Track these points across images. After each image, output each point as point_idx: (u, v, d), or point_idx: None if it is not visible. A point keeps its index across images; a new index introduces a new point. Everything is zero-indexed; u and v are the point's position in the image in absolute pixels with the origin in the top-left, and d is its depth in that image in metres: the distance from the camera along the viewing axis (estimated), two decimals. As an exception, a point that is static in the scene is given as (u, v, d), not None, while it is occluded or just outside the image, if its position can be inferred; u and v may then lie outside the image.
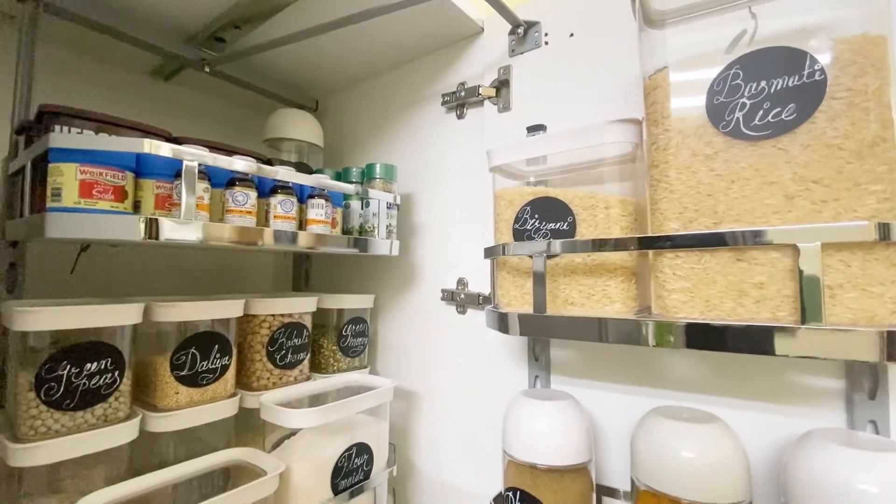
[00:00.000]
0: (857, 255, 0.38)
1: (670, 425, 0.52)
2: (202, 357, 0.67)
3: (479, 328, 0.84)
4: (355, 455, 0.73)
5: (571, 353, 0.73)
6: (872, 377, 0.51)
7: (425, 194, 0.95)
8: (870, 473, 0.42)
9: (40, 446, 0.52)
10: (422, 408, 0.93)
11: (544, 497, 0.57)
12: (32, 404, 0.53)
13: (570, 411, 0.60)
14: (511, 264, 0.62)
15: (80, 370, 0.55)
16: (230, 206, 0.59)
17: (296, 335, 0.80)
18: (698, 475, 0.48)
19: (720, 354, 0.60)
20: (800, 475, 0.46)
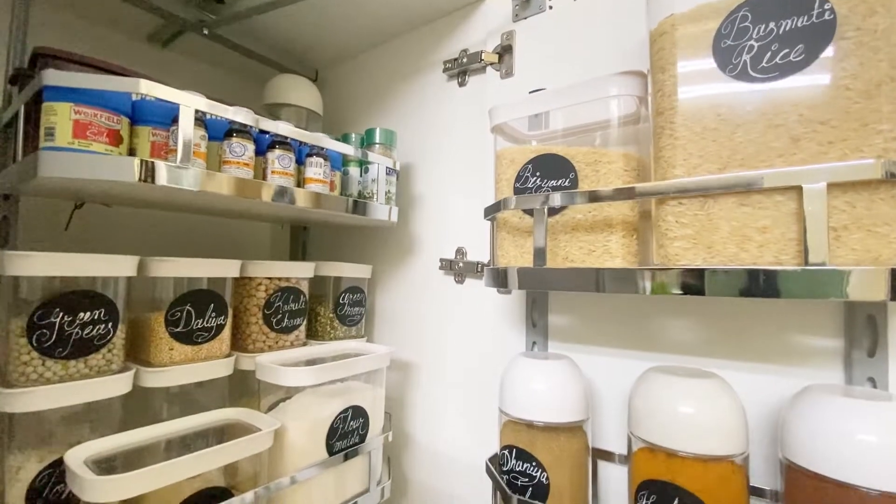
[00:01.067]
0: (862, 196, 0.37)
1: (668, 380, 0.52)
2: (197, 315, 0.66)
3: (477, 297, 0.84)
4: (351, 418, 0.72)
5: (569, 318, 0.72)
6: (872, 334, 0.51)
7: (425, 165, 0.94)
8: (868, 423, 0.42)
9: (31, 392, 0.51)
10: (418, 378, 0.92)
11: (540, 455, 0.57)
12: (24, 350, 0.52)
13: (568, 371, 0.60)
14: (511, 224, 0.61)
15: (73, 319, 0.55)
16: (227, 157, 0.58)
17: (292, 300, 0.80)
18: (696, 428, 0.48)
19: (718, 316, 0.60)
20: (798, 428, 0.46)
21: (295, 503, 0.65)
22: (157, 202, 0.70)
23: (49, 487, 0.53)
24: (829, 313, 0.54)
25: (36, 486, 0.52)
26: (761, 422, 0.56)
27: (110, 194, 0.65)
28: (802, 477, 0.45)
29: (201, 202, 0.69)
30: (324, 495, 0.69)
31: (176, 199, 0.68)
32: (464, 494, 0.82)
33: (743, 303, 0.59)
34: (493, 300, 0.81)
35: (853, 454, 0.41)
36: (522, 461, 0.57)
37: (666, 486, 0.49)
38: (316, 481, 0.67)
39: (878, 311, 0.50)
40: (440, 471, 0.87)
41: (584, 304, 0.71)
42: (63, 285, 0.54)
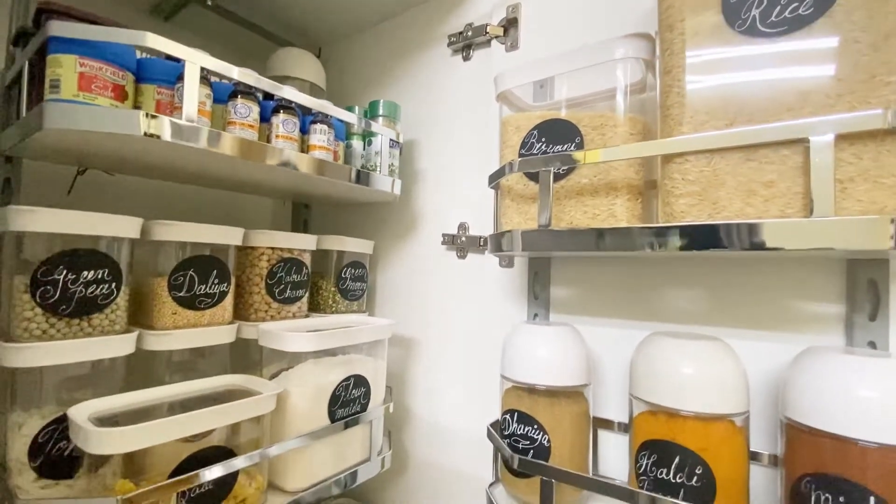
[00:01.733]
0: (869, 148, 0.38)
1: (670, 343, 0.52)
2: (200, 280, 0.66)
3: (479, 272, 0.84)
4: (353, 386, 0.73)
5: (571, 290, 0.73)
6: (873, 298, 0.51)
7: (428, 141, 0.94)
8: (868, 378, 0.42)
9: (35, 347, 0.51)
10: (419, 354, 0.93)
11: (542, 418, 0.57)
12: (27, 306, 0.52)
13: (570, 336, 0.60)
14: (515, 191, 0.61)
15: (77, 277, 0.55)
16: (232, 118, 0.58)
17: (295, 271, 0.80)
18: (697, 388, 0.49)
19: (720, 284, 0.60)
20: (799, 386, 0.46)
21: (296, 468, 0.65)
22: (160, 167, 0.70)
23: (52, 444, 0.53)
24: (831, 278, 0.54)
25: (39, 442, 0.52)
26: (762, 388, 0.56)
27: (113, 158, 0.65)
28: (802, 434, 0.46)
29: (204, 167, 0.69)
30: (325, 462, 0.69)
31: (179, 165, 0.68)
32: (464, 467, 0.83)
33: (745, 270, 0.59)
34: (495, 274, 0.81)
35: (853, 409, 0.41)
36: (524, 424, 0.58)
37: (667, 445, 0.49)
38: (317, 447, 0.67)
39: (879, 275, 0.51)
40: (441, 445, 0.87)
41: (586, 276, 0.71)
42: (67, 243, 0.54)
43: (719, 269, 0.61)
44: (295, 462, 0.65)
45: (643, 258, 0.66)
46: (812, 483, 0.43)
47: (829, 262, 0.54)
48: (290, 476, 0.65)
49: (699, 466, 0.47)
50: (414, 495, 0.90)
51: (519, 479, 0.58)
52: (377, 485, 0.96)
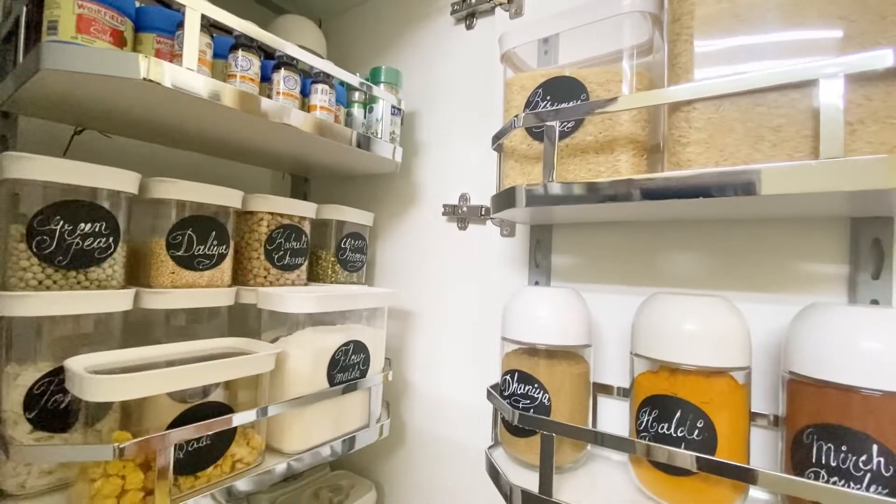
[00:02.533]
0: (879, 89, 0.37)
1: (672, 300, 0.52)
2: (199, 241, 0.66)
3: (479, 242, 0.84)
4: (352, 352, 0.72)
5: (572, 258, 0.72)
6: (877, 257, 0.51)
7: (430, 113, 0.93)
8: (870, 328, 0.42)
9: (31, 296, 0.50)
10: (419, 326, 0.92)
11: (542, 377, 0.57)
12: (23, 256, 0.51)
13: (571, 298, 0.60)
14: (519, 152, 0.61)
15: (74, 228, 0.54)
16: (232, 71, 0.57)
17: (294, 238, 0.79)
18: (699, 342, 0.48)
19: (722, 247, 0.60)
20: (802, 339, 0.46)
21: (294, 431, 0.65)
22: (157, 127, 0.69)
23: (47, 396, 0.53)
24: (834, 239, 0.54)
25: (34, 393, 0.52)
26: (765, 349, 0.56)
27: (111, 115, 0.64)
28: (804, 387, 0.46)
29: (203, 127, 0.68)
30: (323, 426, 0.69)
31: (177, 123, 0.67)
32: (463, 438, 0.83)
33: (746, 232, 0.59)
34: (497, 244, 0.81)
35: (856, 358, 0.41)
36: (524, 384, 0.57)
37: (668, 400, 0.49)
38: (316, 410, 0.67)
39: (884, 234, 0.51)
40: (439, 416, 0.87)
41: (587, 243, 0.71)
42: (64, 193, 0.53)
43: (720, 232, 0.60)
44: (293, 424, 0.65)
45: (644, 223, 0.66)
46: (814, 434, 0.43)
47: (832, 222, 0.54)
48: (287, 438, 0.65)
49: (701, 420, 0.47)
50: (412, 466, 0.90)
51: (518, 439, 0.58)
52: (375, 457, 0.96)
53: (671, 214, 0.61)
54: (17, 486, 0.51)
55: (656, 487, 0.50)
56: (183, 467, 0.53)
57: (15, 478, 0.51)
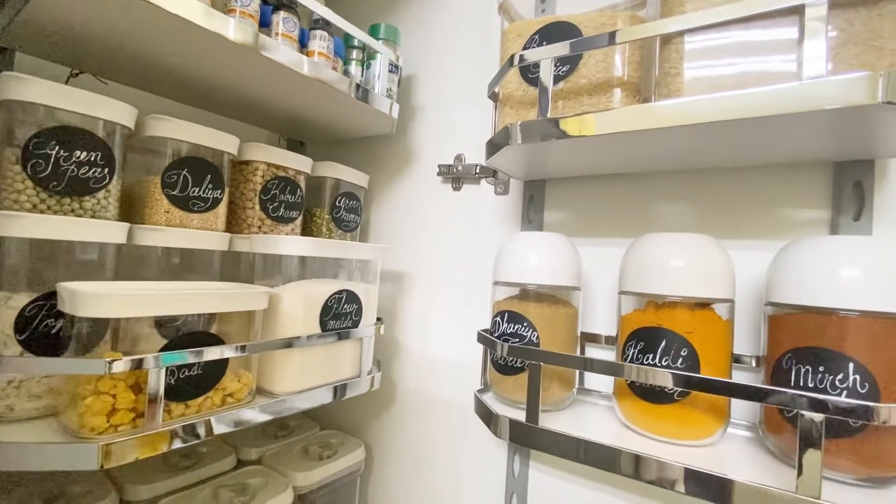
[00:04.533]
0: (860, 14, 0.39)
1: (660, 237, 0.53)
2: (194, 182, 0.66)
3: (474, 202, 0.85)
4: (345, 301, 0.73)
5: (565, 213, 0.73)
6: (858, 200, 0.53)
7: (427, 76, 0.94)
8: (849, 254, 0.43)
9: (26, 217, 0.50)
10: (411, 288, 0.93)
11: (531, 316, 0.58)
12: (18, 178, 0.51)
13: (561, 241, 0.61)
14: (515, 98, 0.62)
15: (70, 155, 0.54)
16: (232, 5, 0.57)
17: (289, 191, 0.79)
18: (686, 274, 0.50)
19: (711, 196, 0.61)
20: (782, 269, 0.47)
21: (284, 372, 0.65)
22: (154, 68, 0.69)
23: (39, 320, 0.53)
24: (818, 184, 0.55)
25: (26, 315, 0.52)
26: (749, 294, 0.57)
27: (107, 54, 0.64)
28: (785, 316, 0.47)
29: (200, 71, 0.68)
30: (314, 370, 0.69)
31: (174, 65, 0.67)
32: (452, 394, 0.84)
33: (733, 180, 0.60)
34: (490, 203, 0.82)
35: (834, 282, 0.43)
36: (514, 323, 0.58)
37: (653, 332, 0.50)
38: (307, 354, 0.67)
39: (865, 176, 0.52)
40: (430, 376, 0.88)
41: (579, 197, 0.72)
42: (60, 118, 0.53)
43: (707, 181, 0.62)
44: (284, 366, 0.65)
45: (634, 175, 0.67)
46: (793, 358, 0.45)
47: (816, 168, 0.56)
48: (278, 379, 0.65)
49: (684, 349, 0.48)
50: (401, 426, 0.91)
51: (506, 378, 0.59)
52: (364, 417, 0.96)
53: (660, 164, 0.62)
54: (4, 407, 0.51)
55: (640, 419, 0.51)
56: (174, 394, 0.53)
57: (4, 400, 0.51)
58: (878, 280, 0.41)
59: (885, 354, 0.41)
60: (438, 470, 0.85)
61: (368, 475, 0.94)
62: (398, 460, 0.91)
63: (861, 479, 0.42)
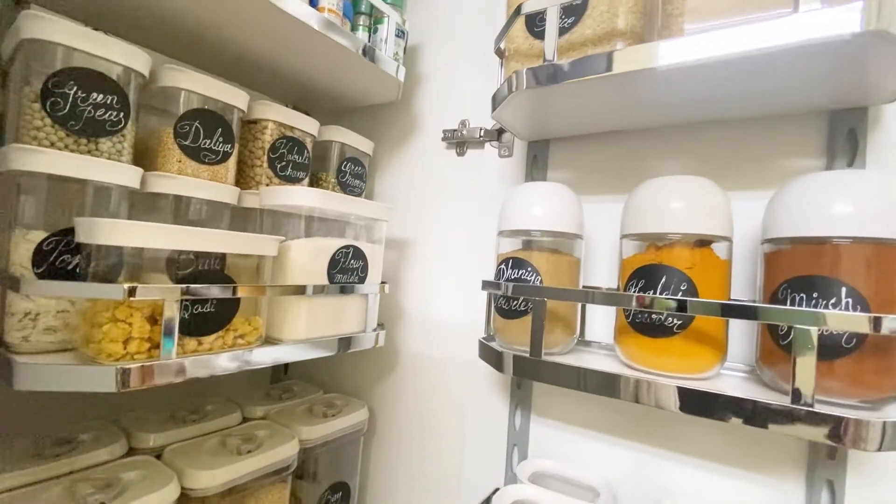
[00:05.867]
0: (855, -52, 0.40)
1: (659, 181, 0.55)
2: (205, 134, 0.67)
3: (478, 167, 0.86)
4: (352, 256, 0.74)
5: (568, 172, 0.75)
6: (851, 147, 0.55)
7: (431, 45, 0.96)
8: (842, 186, 0.45)
9: (45, 152, 0.52)
10: (414, 255, 0.95)
11: (535, 262, 0.60)
12: (37, 115, 0.53)
13: (564, 190, 0.63)
14: (521, 52, 0.63)
15: (87, 96, 0.55)
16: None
17: (297, 151, 0.81)
18: (685, 213, 0.51)
19: (709, 150, 0.63)
20: (778, 208, 0.49)
21: (293, 320, 0.67)
22: (164, 26, 0.70)
23: (56, 254, 0.54)
24: (813, 134, 0.57)
25: (43, 250, 0.53)
26: (746, 243, 0.59)
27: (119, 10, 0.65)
28: (780, 251, 0.49)
29: (213, 25, 0.69)
30: (321, 321, 0.70)
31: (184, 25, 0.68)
32: (456, 356, 0.85)
33: (731, 133, 0.62)
34: (494, 166, 0.84)
35: (827, 212, 0.44)
36: (518, 269, 0.60)
37: (654, 268, 0.52)
38: (315, 304, 0.69)
39: (858, 124, 0.54)
40: (433, 339, 0.89)
41: (582, 156, 0.74)
42: (79, 60, 0.55)
43: (705, 135, 0.64)
44: (292, 314, 0.67)
45: (635, 131, 0.69)
46: (788, 288, 0.46)
47: (812, 118, 0.57)
48: (287, 327, 0.67)
49: (684, 283, 0.50)
50: (404, 390, 0.92)
51: (511, 322, 0.61)
52: (368, 381, 0.98)
53: (660, 119, 0.64)
54: (20, 339, 0.52)
55: (640, 355, 0.53)
56: (187, 329, 0.54)
57: (20, 331, 0.52)
58: (869, 208, 0.43)
59: (876, 279, 0.42)
60: (441, 429, 0.86)
61: (371, 438, 0.95)
62: (401, 422, 0.92)
63: (854, 402, 0.44)
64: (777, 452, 0.57)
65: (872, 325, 0.37)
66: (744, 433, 0.59)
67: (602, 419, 0.69)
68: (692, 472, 0.62)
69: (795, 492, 0.56)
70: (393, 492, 0.92)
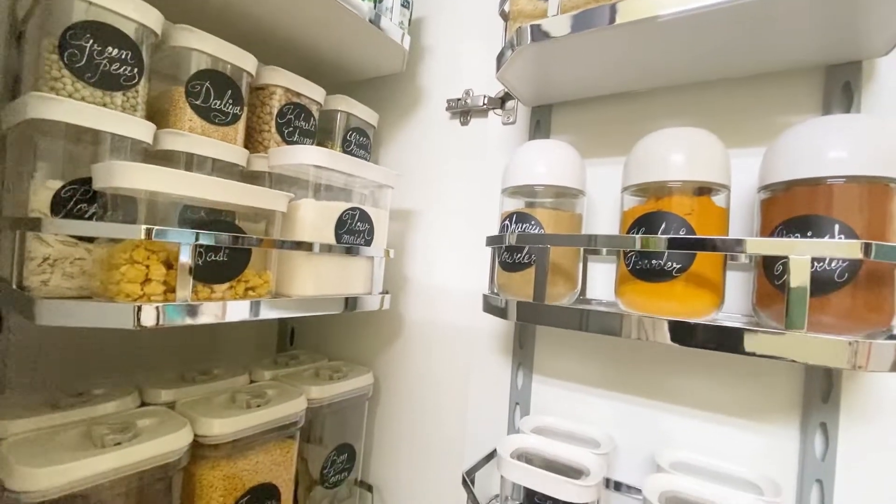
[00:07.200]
0: None
1: (660, 133, 0.56)
2: (216, 95, 0.69)
3: (481, 136, 0.88)
4: (358, 219, 0.76)
5: (570, 136, 0.77)
6: (847, 99, 0.56)
7: (436, 18, 0.97)
8: (835, 128, 0.47)
9: (63, 101, 0.53)
10: (418, 225, 0.96)
11: (538, 215, 0.61)
12: (55, 66, 0.54)
13: (566, 147, 0.64)
14: (526, 13, 0.65)
15: (103, 49, 0.57)
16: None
17: (304, 118, 0.82)
18: (684, 160, 0.53)
19: (710, 108, 0.65)
20: (773, 155, 0.51)
21: (301, 276, 0.68)
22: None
23: (74, 202, 0.56)
24: (811, 90, 0.59)
25: (62, 196, 0.55)
26: (743, 198, 0.61)
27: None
28: (776, 196, 0.50)
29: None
30: (329, 279, 0.72)
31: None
32: (459, 322, 0.87)
33: (730, 91, 0.64)
34: (498, 134, 0.85)
35: (821, 153, 0.46)
36: (521, 223, 0.62)
37: (654, 215, 0.53)
38: (324, 262, 0.71)
39: (853, 77, 0.56)
40: (437, 307, 0.91)
41: (585, 119, 0.75)
42: (95, 14, 0.56)
43: (706, 94, 0.65)
44: (301, 271, 0.68)
45: (637, 93, 0.70)
46: (783, 230, 0.48)
47: (808, 74, 0.59)
48: (296, 283, 0.68)
49: (683, 228, 0.52)
50: (408, 357, 0.94)
51: (514, 275, 0.62)
52: (372, 351, 0.99)
53: (661, 79, 0.66)
54: (39, 283, 0.54)
55: (640, 301, 0.55)
56: (201, 276, 0.56)
57: (39, 275, 0.54)
58: (862, 148, 0.44)
59: (868, 215, 0.44)
60: (445, 393, 0.88)
61: (376, 404, 0.97)
62: (405, 388, 0.94)
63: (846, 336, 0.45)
64: (772, 400, 0.59)
65: (863, 250, 0.39)
66: (739, 382, 0.61)
67: (602, 375, 0.71)
68: (690, 423, 0.64)
69: (790, 436, 0.58)
70: (398, 454, 0.94)
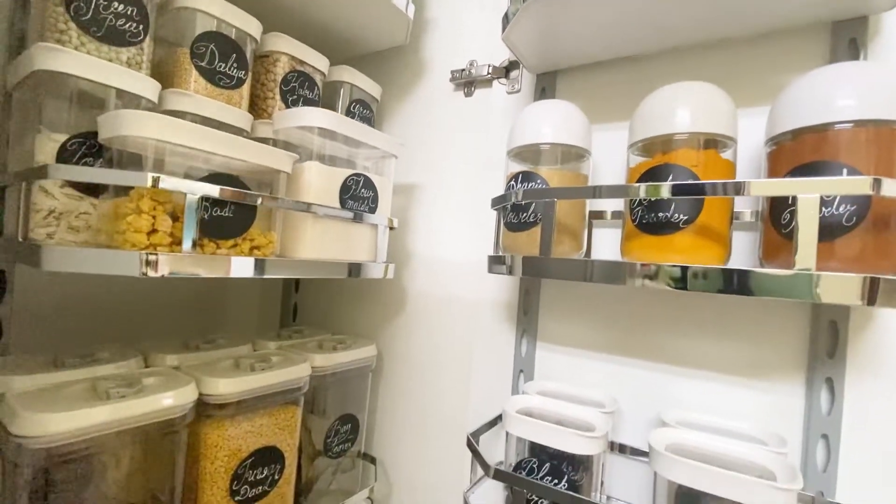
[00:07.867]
0: None
1: (666, 88, 0.56)
2: (221, 58, 0.68)
3: (485, 106, 0.88)
4: (363, 185, 0.76)
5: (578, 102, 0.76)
6: (853, 56, 0.56)
7: (440, -8, 0.97)
8: (839, 77, 0.46)
9: (69, 53, 0.53)
10: (421, 198, 0.96)
11: (544, 174, 0.61)
12: (61, 19, 0.54)
13: (572, 106, 0.64)
14: (529, -25, 0.65)
15: (108, 4, 0.56)
16: None
17: (308, 86, 0.82)
18: (690, 113, 0.53)
19: (710, 74, 0.65)
20: (780, 106, 0.50)
21: (306, 239, 0.68)
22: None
23: (79, 156, 0.56)
24: (816, 44, 0.59)
25: (68, 149, 0.55)
26: (751, 156, 0.61)
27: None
28: (783, 146, 0.50)
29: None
30: (333, 245, 0.72)
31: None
32: (463, 294, 0.87)
33: (736, 52, 0.64)
34: (502, 104, 0.85)
35: (827, 100, 0.46)
36: (527, 182, 0.62)
37: (660, 168, 0.53)
38: (328, 227, 0.71)
39: (859, 33, 0.56)
40: (440, 279, 0.91)
41: (589, 85, 0.75)
42: (100, -32, 0.56)
43: (711, 56, 0.65)
44: (305, 233, 0.68)
45: (642, 57, 0.70)
46: (790, 176, 0.48)
47: (814, 30, 0.59)
48: (301, 246, 0.68)
49: (690, 179, 0.52)
50: (411, 330, 0.94)
51: (520, 235, 0.62)
52: (376, 325, 0.99)
53: (666, 41, 0.65)
54: (45, 235, 0.54)
55: (647, 255, 0.54)
56: (207, 230, 0.56)
57: (45, 228, 0.54)
58: (868, 93, 0.44)
59: (875, 158, 0.44)
60: (449, 363, 0.88)
61: (379, 377, 0.97)
62: (409, 360, 0.94)
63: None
64: (777, 357, 0.59)
65: (873, 186, 0.39)
66: (744, 341, 0.61)
67: (606, 340, 0.71)
68: (695, 384, 0.64)
69: (795, 393, 0.58)
70: (401, 427, 0.94)
